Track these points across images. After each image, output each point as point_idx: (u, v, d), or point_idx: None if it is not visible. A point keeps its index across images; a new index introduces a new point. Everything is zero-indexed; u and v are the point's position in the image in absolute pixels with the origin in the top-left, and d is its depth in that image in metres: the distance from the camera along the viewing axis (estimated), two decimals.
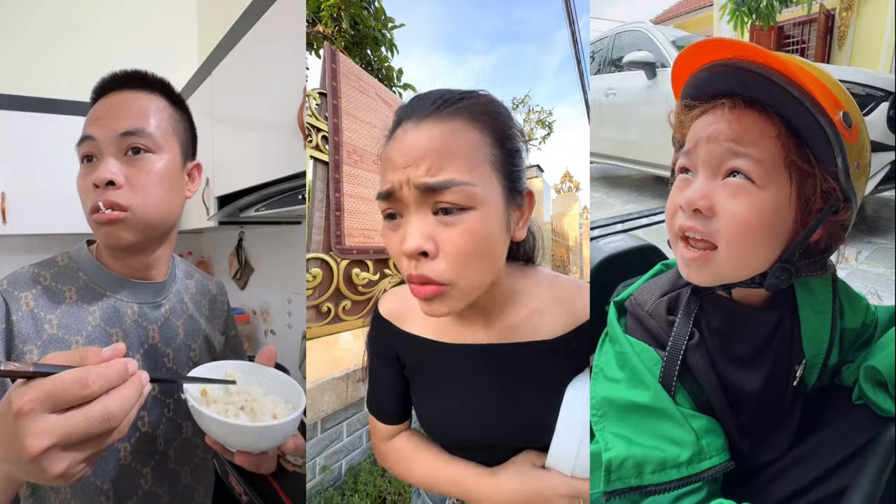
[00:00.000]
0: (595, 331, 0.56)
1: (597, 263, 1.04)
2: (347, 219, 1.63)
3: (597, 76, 3.55)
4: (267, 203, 1.23)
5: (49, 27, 2.23)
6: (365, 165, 1.75)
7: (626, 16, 10.37)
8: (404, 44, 9.44)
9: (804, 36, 5.14)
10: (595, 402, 0.49)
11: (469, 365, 0.56)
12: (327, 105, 1.59)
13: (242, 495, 1.11)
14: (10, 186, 1.87)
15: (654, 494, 0.44)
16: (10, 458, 0.35)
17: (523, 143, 0.49)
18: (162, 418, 0.68)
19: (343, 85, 1.65)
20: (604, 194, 3.51)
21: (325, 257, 1.54)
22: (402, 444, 0.61)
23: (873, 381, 0.51)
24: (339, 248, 1.59)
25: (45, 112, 1.92)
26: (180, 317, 0.73)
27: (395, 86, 3.72)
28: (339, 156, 1.61)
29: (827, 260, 0.49)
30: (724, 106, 0.44)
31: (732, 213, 0.43)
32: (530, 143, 2.68)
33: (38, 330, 0.60)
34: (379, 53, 3.55)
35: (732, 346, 0.51)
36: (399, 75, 3.74)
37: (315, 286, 1.50)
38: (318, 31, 3.09)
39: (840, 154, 0.42)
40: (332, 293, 1.57)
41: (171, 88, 0.68)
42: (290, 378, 0.62)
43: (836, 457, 0.48)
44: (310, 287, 1.48)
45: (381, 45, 3.51)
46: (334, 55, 1.62)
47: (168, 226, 0.67)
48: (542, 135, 10.59)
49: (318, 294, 1.54)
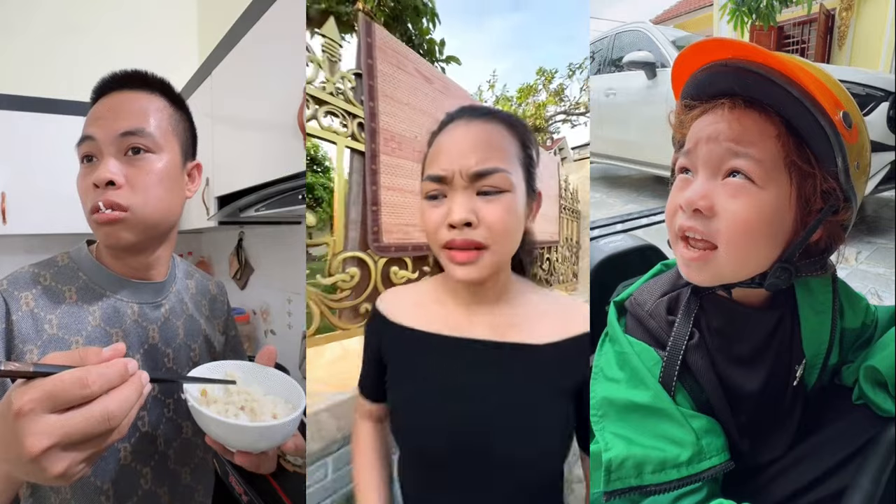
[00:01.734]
0: (595, 331, 0.56)
1: (597, 263, 1.04)
2: (385, 214, 1.50)
3: (597, 76, 3.55)
4: (267, 203, 1.23)
5: (49, 27, 2.23)
6: (404, 154, 1.61)
7: (626, 16, 10.30)
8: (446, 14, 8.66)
9: (804, 36, 5.14)
10: (595, 402, 0.50)
11: (458, 359, 0.57)
12: (362, 87, 1.46)
13: (242, 495, 1.11)
14: (10, 186, 1.87)
15: (654, 494, 0.44)
16: (10, 458, 0.35)
17: (537, 152, 0.58)
18: (162, 418, 0.68)
19: (380, 62, 1.51)
20: (604, 194, 3.51)
21: (363, 256, 1.43)
22: (363, 433, 0.68)
23: (873, 381, 0.51)
24: (377, 245, 1.47)
25: (45, 112, 1.92)
26: (180, 317, 0.73)
27: (437, 60, 3.44)
28: (375, 144, 1.48)
29: (827, 260, 0.49)
30: (724, 106, 0.44)
31: (732, 213, 0.43)
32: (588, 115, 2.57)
33: (38, 330, 0.60)
34: (420, 25, 3.28)
35: (732, 346, 0.51)
36: (441, 47, 3.43)
37: (352, 286, 1.39)
38: (357, 10, 2.90)
39: (840, 154, 0.42)
40: (370, 293, 1.46)
41: (171, 88, 0.68)
42: (290, 378, 0.62)
43: (836, 457, 0.48)
44: (347, 287, 1.38)
45: (422, 17, 3.22)
46: (369, 28, 1.47)
47: (168, 226, 0.67)
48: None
49: (356, 295, 1.43)
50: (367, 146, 1.47)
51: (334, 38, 1.38)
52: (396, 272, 1.57)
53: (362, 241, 1.48)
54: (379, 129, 1.50)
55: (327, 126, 1.35)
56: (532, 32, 35.52)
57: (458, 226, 0.50)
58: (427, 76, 1.81)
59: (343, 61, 1.42)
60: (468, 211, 0.49)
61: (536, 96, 10.92)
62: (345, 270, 1.41)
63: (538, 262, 3.06)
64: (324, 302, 1.37)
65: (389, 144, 1.55)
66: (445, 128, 0.55)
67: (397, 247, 1.57)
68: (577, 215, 4.32)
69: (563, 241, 3.72)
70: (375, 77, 1.49)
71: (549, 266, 3.31)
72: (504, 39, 46.48)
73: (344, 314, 1.44)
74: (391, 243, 1.54)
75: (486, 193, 0.50)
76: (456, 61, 3.59)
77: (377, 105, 1.51)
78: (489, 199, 0.50)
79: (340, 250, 1.41)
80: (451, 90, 1.98)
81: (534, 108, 10.74)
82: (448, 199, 0.51)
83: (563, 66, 34.61)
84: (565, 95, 10.73)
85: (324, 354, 1.82)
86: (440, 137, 0.55)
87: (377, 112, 1.50)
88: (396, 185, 1.58)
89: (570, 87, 14.16)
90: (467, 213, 0.49)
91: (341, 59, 1.42)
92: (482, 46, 41.62)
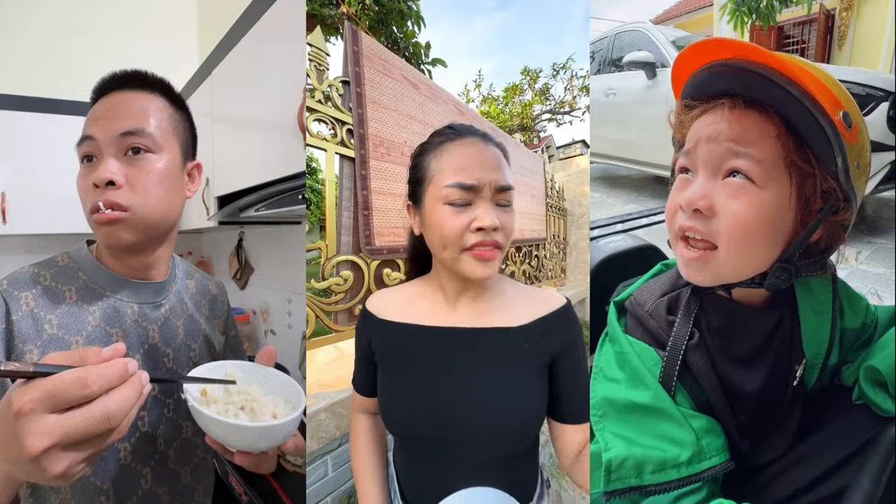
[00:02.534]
0: (595, 331, 0.56)
1: (597, 263, 1.04)
2: (376, 217, 1.55)
3: (597, 76, 3.55)
4: (267, 203, 1.23)
5: (49, 27, 2.23)
6: (392, 158, 1.66)
7: (626, 16, 10.27)
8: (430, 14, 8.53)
9: (804, 36, 5.14)
10: (595, 402, 0.50)
11: (444, 345, 0.63)
12: (350, 94, 1.51)
13: (242, 495, 1.11)
14: (10, 186, 1.87)
15: (654, 494, 0.44)
16: (10, 458, 0.35)
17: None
18: (162, 418, 0.68)
19: (366, 70, 1.55)
20: (604, 194, 3.51)
21: (356, 259, 1.48)
22: (360, 425, 0.74)
23: (873, 381, 0.51)
24: (370, 248, 1.52)
25: (45, 112, 1.92)
26: (180, 317, 0.73)
27: (423, 63, 3.45)
28: (365, 150, 1.52)
29: (827, 260, 0.49)
30: (724, 106, 0.44)
31: (732, 213, 0.43)
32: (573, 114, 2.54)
33: (38, 330, 0.60)
34: (405, 29, 3.30)
35: (732, 346, 0.51)
36: (427, 50, 3.44)
37: (346, 289, 1.44)
38: (341, 13, 2.89)
39: (840, 154, 0.41)
40: (364, 295, 1.51)
41: (171, 88, 0.68)
42: (290, 378, 0.62)
43: (836, 457, 0.48)
44: (341, 290, 1.43)
45: (406, 20, 3.23)
46: (356, 36, 1.52)
47: (168, 226, 0.67)
48: (586, 104, 9.45)
49: (350, 297, 1.48)
50: (357, 152, 1.50)
51: (320, 47, 1.40)
52: (389, 274, 1.60)
53: (355, 245, 1.52)
54: (368, 135, 1.54)
55: (317, 133, 1.38)
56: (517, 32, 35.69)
57: (489, 230, 0.57)
58: (413, 82, 1.84)
59: (330, 70, 1.44)
60: (495, 218, 0.57)
61: (522, 96, 10.96)
62: (338, 274, 1.45)
63: (527, 259, 3.15)
64: (318, 305, 1.39)
65: (378, 150, 1.59)
66: (459, 140, 0.60)
67: (389, 249, 1.60)
68: (564, 213, 4.41)
69: (551, 238, 3.79)
70: (363, 84, 1.53)
71: (538, 263, 3.39)
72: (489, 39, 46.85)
73: (339, 317, 1.47)
74: (383, 246, 1.58)
75: (500, 205, 0.59)
76: (442, 64, 3.57)
77: (365, 112, 1.55)
78: (503, 209, 0.59)
79: (334, 254, 1.44)
80: (438, 95, 2.02)
81: (520, 108, 10.80)
82: (474, 206, 0.57)
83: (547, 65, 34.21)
84: (550, 94, 10.77)
85: (320, 356, 1.85)
86: (459, 150, 0.59)
87: (365, 118, 1.54)
88: (386, 189, 1.61)
89: (555, 87, 14.30)
90: (495, 219, 0.57)
91: (329, 68, 1.44)
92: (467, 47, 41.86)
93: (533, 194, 3.26)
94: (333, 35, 2.93)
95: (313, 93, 1.36)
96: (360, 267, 1.50)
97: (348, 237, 1.50)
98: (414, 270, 0.75)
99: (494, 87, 13.97)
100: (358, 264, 1.49)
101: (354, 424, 0.75)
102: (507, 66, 47.91)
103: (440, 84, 2.10)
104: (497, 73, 42.32)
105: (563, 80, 10.26)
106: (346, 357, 1.86)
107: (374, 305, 0.70)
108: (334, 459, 1.36)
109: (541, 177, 3.49)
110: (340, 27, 2.95)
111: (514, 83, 11.08)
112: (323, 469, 1.32)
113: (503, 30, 44.60)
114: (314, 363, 1.78)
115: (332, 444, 1.33)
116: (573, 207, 4.65)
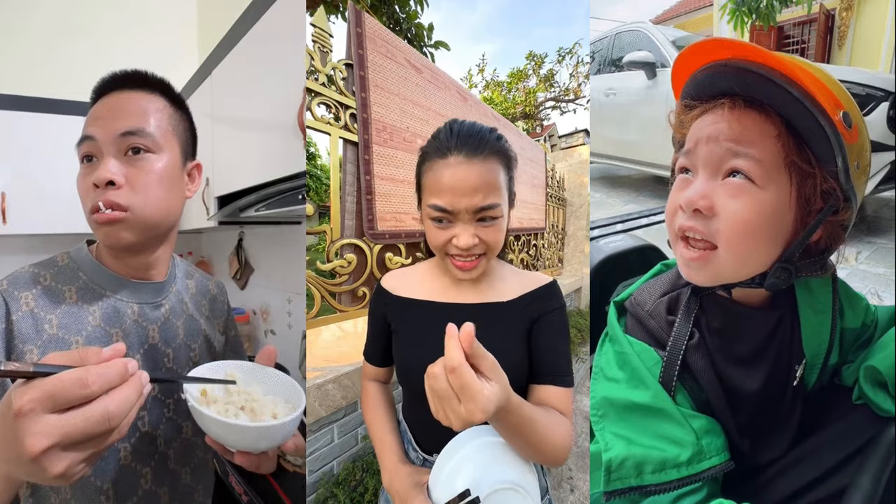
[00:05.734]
0: (595, 331, 0.56)
1: (597, 263, 1.04)
2: (379, 202, 1.58)
3: (597, 76, 3.55)
4: (267, 203, 1.23)
5: (49, 27, 2.23)
6: (395, 143, 1.67)
7: (626, 16, 10.25)
8: None
9: (804, 36, 5.14)
10: (595, 402, 0.50)
11: (450, 317, 0.67)
12: (354, 78, 1.50)
13: (242, 495, 1.11)
14: (10, 186, 1.87)
15: (654, 494, 0.44)
16: (10, 458, 0.35)
17: (515, 164, 0.69)
18: (162, 418, 0.68)
19: (370, 52, 1.55)
20: (604, 194, 3.51)
21: (359, 242, 1.52)
22: (371, 390, 0.81)
23: (873, 381, 0.51)
24: (372, 232, 1.55)
25: (45, 112, 1.92)
26: (180, 317, 0.73)
27: (425, 45, 3.41)
28: (368, 135, 1.53)
29: (827, 260, 0.49)
30: (724, 106, 0.44)
31: (732, 212, 0.43)
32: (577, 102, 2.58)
33: (38, 330, 0.60)
34: (408, 9, 3.24)
35: (732, 346, 0.51)
36: (430, 32, 3.39)
37: (350, 272, 1.49)
38: None
39: (840, 154, 0.41)
40: (367, 278, 1.55)
41: (171, 88, 0.68)
42: (290, 378, 0.62)
43: (836, 457, 0.48)
44: (345, 272, 1.47)
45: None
46: (359, 17, 1.50)
47: (168, 226, 0.67)
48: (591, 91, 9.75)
49: (354, 279, 1.52)
50: (360, 136, 1.51)
51: (325, 29, 1.40)
52: (391, 258, 1.63)
53: (358, 229, 1.54)
54: (371, 120, 1.54)
55: (321, 117, 1.38)
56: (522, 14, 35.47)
57: (465, 249, 0.63)
58: (417, 66, 1.83)
59: (333, 52, 1.44)
60: (473, 237, 0.62)
61: (527, 81, 10.90)
62: (342, 256, 1.48)
63: (525, 248, 3.21)
64: (324, 286, 1.43)
65: (381, 135, 1.59)
66: (445, 159, 0.62)
67: (391, 234, 1.62)
68: (564, 203, 4.41)
69: (549, 227, 3.81)
70: (366, 67, 1.52)
71: (536, 252, 3.42)
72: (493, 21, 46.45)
73: (342, 298, 1.51)
74: (385, 230, 1.60)
75: (483, 220, 0.62)
76: (445, 46, 3.49)
77: (369, 95, 1.54)
78: (488, 224, 0.63)
79: (338, 237, 1.46)
80: (440, 80, 2.01)
81: (524, 95, 10.75)
82: (453, 226, 0.63)
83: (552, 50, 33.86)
84: (555, 81, 10.73)
85: (326, 333, 1.92)
86: (442, 170, 0.62)
87: (369, 102, 1.53)
88: (389, 174, 1.62)
89: (560, 73, 14.21)
90: (472, 238, 0.62)
91: (332, 50, 1.44)
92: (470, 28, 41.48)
93: (534, 184, 3.27)
94: (334, 14, 2.89)
95: (317, 76, 1.37)
96: (363, 250, 1.53)
97: (352, 221, 1.53)
98: (428, 251, 0.82)
99: (498, 71, 13.83)
100: (361, 248, 1.53)
101: (366, 390, 0.82)
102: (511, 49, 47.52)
103: (443, 67, 2.07)
104: (501, 57, 42.09)
105: (568, 66, 10.25)
106: (349, 336, 1.95)
107: (389, 283, 0.78)
108: (340, 427, 1.43)
109: (542, 166, 3.49)
110: (342, 5, 2.90)
111: (518, 68, 11.01)
112: (329, 436, 1.39)
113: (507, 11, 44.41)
114: (320, 340, 1.85)
115: (338, 412, 1.40)
116: (573, 198, 4.66)
